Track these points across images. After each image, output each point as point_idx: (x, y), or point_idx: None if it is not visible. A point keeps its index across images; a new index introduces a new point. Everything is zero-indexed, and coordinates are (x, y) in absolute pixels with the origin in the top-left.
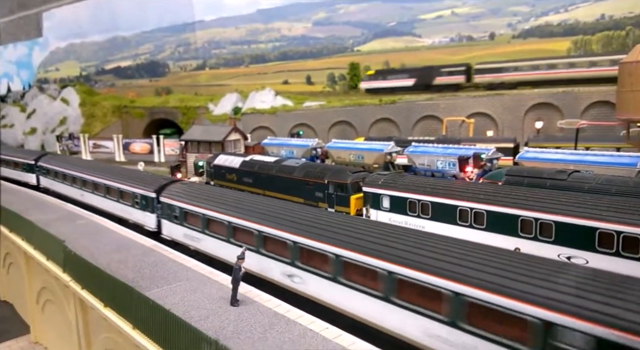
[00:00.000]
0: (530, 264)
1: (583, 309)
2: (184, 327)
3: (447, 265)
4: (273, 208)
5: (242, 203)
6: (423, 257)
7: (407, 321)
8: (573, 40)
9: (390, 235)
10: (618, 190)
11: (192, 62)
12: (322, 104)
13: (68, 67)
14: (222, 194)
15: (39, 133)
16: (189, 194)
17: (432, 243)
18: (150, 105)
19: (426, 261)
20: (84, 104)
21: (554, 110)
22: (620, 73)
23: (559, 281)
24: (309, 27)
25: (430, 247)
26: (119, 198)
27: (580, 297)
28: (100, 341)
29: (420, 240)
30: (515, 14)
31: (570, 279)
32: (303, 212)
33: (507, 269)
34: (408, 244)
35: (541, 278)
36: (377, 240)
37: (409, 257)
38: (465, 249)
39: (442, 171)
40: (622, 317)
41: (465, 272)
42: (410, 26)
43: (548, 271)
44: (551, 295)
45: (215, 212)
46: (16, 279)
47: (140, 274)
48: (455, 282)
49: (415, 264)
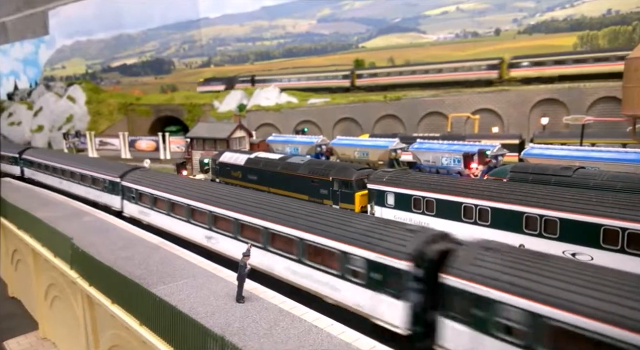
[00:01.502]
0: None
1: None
2: (191, 323)
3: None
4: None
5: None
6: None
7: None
8: (579, 35)
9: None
10: (623, 186)
11: (197, 60)
12: (326, 101)
13: (74, 65)
14: (170, 179)
15: (45, 130)
16: (144, 179)
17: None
18: (156, 103)
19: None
20: (90, 102)
21: (559, 106)
22: (627, 69)
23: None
24: (314, 23)
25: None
26: (90, 184)
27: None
28: (108, 337)
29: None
30: (521, 10)
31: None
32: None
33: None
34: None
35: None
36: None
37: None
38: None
39: (447, 168)
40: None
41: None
42: (415, 22)
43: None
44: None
45: (160, 191)
46: (24, 276)
47: (147, 271)
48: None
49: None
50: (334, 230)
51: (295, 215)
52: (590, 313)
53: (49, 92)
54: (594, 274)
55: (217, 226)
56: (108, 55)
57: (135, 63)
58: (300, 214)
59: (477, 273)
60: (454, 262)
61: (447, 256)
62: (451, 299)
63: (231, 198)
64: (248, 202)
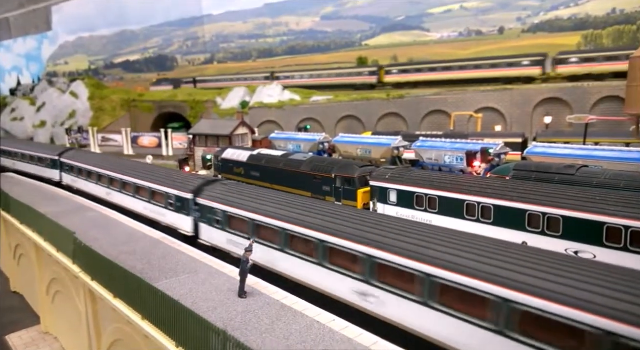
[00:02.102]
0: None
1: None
2: (193, 318)
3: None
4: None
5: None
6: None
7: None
8: (583, 34)
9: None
10: (627, 185)
11: (200, 56)
12: (329, 99)
13: (77, 61)
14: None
15: (48, 126)
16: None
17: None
18: (159, 99)
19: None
20: (92, 98)
21: (563, 105)
22: (631, 68)
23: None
24: (317, 21)
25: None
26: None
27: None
28: (110, 331)
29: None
30: (525, 8)
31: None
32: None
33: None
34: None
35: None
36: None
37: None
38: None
39: (450, 166)
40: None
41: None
42: (419, 20)
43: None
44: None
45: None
46: (27, 271)
47: (150, 266)
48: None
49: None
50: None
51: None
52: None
53: (52, 88)
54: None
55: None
56: (111, 52)
57: (138, 59)
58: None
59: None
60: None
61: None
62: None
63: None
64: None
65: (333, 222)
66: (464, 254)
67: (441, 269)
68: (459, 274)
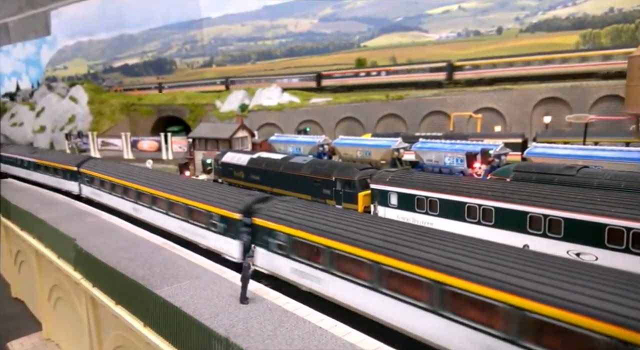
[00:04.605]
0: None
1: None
2: (195, 324)
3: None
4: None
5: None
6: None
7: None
8: (581, 33)
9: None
10: (627, 185)
11: (198, 59)
12: (328, 101)
13: (76, 65)
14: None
15: (47, 131)
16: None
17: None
18: (158, 103)
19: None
20: (92, 102)
21: (562, 105)
22: (630, 67)
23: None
24: (316, 23)
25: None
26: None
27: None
28: (112, 338)
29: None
30: (523, 8)
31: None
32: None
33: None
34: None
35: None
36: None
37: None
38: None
39: (450, 167)
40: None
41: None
42: (417, 21)
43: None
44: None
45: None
46: (28, 277)
47: (150, 272)
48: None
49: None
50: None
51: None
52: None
53: (51, 93)
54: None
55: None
56: (110, 56)
57: (137, 63)
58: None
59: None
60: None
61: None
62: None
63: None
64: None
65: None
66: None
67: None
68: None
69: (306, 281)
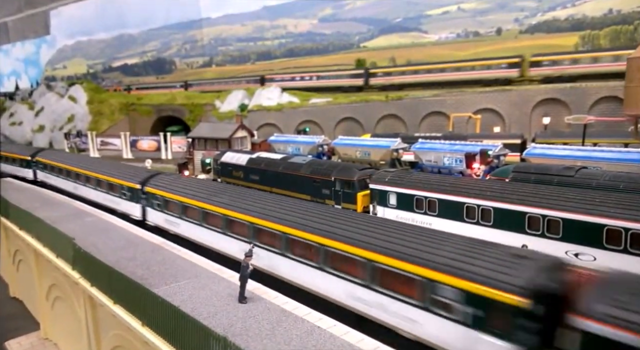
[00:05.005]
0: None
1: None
2: (193, 324)
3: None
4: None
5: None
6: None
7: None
8: (581, 35)
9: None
10: (626, 186)
11: (198, 59)
12: (328, 101)
13: (75, 65)
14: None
15: (47, 131)
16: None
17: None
18: (157, 103)
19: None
20: (91, 102)
21: (561, 106)
22: (629, 68)
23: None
24: (315, 23)
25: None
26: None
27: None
28: (110, 338)
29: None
30: (522, 9)
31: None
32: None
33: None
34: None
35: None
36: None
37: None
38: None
39: (449, 168)
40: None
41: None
42: (417, 22)
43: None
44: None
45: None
46: (26, 276)
47: (149, 271)
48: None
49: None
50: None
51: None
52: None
53: (50, 92)
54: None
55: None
56: (109, 55)
57: (136, 63)
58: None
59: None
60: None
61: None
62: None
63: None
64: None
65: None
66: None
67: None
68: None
69: (172, 227)
